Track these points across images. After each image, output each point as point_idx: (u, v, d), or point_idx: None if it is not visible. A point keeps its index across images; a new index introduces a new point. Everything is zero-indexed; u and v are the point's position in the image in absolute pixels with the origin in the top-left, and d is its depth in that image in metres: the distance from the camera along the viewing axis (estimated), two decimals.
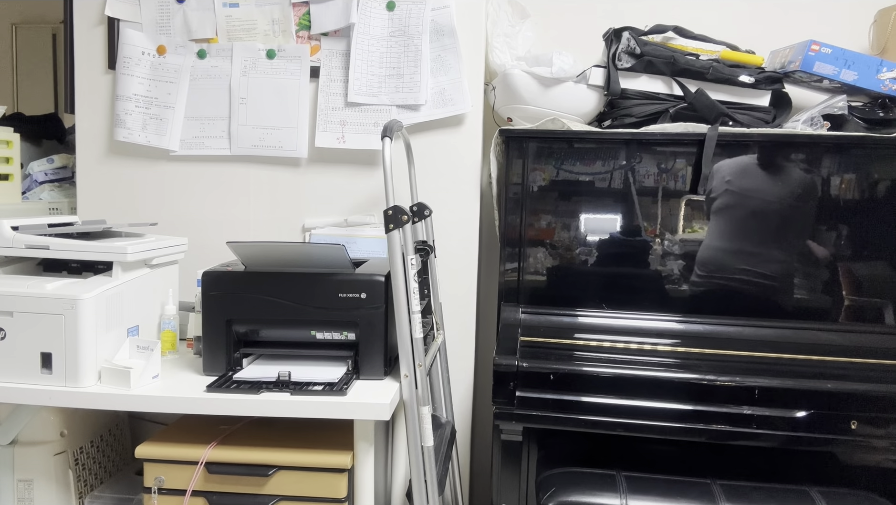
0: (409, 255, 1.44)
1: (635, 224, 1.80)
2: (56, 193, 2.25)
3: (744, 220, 1.76)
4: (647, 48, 1.80)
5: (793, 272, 1.75)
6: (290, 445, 1.54)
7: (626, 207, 1.79)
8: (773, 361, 1.64)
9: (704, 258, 1.77)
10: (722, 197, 1.76)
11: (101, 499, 1.75)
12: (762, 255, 1.75)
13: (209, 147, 2.03)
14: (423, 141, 1.96)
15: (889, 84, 1.75)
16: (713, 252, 1.77)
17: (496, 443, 1.65)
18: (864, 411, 1.52)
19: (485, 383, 2.20)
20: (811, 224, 1.74)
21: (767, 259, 1.75)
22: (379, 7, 1.93)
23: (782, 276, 1.75)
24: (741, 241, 1.76)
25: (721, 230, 1.76)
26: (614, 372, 1.60)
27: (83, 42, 2.04)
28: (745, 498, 1.53)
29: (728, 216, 1.76)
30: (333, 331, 1.59)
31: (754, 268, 1.76)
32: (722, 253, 1.77)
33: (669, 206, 1.78)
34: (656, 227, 1.79)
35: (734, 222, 1.76)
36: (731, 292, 1.77)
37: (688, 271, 1.78)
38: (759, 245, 1.75)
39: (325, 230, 2.00)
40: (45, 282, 1.52)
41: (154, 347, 1.55)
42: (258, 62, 1.99)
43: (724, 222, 1.76)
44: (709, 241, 1.77)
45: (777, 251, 1.75)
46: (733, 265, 1.76)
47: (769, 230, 1.74)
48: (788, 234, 1.74)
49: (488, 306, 2.24)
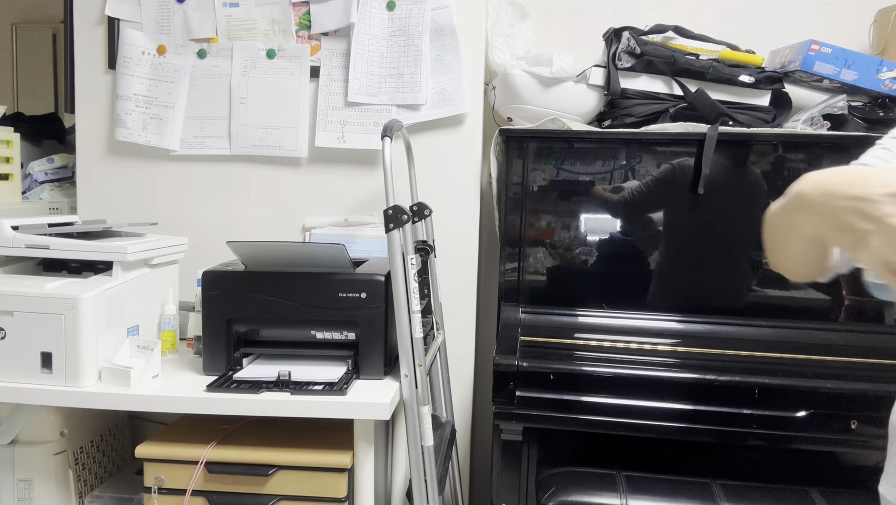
0: (409, 254, 1.44)
1: (635, 224, 1.79)
2: (56, 193, 2.25)
3: (743, 220, 1.76)
4: (647, 48, 1.80)
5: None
6: (290, 444, 1.54)
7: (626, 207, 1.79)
8: (773, 361, 1.64)
9: (704, 258, 1.77)
10: (721, 197, 1.76)
11: (101, 499, 1.75)
12: (762, 254, 1.75)
13: (209, 147, 2.03)
14: (423, 141, 1.96)
15: (889, 84, 1.75)
16: (713, 252, 1.77)
17: (496, 443, 1.65)
18: (864, 411, 1.52)
19: (485, 383, 2.20)
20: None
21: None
22: (379, 7, 1.93)
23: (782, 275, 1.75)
24: (741, 240, 1.76)
25: (720, 230, 1.76)
26: (614, 372, 1.60)
27: (83, 42, 2.04)
28: (745, 498, 1.53)
29: (727, 216, 1.76)
30: (333, 330, 1.59)
31: (754, 267, 1.76)
32: (722, 253, 1.77)
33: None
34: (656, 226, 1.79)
35: (733, 222, 1.76)
36: (731, 292, 1.77)
37: (687, 271, 1.78)
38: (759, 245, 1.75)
39: (325, 230, 2.00)
40: (45, 281, 1.52)
41: (154, 347, 1.54)
42: (258, 62, 1.99)
43: (723, 222, 1.76)
44: (708, 240, 1.77)
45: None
46: (733, 265, 1.76)
47: None
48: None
49: (488, 306, 2.23)
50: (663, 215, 1.79)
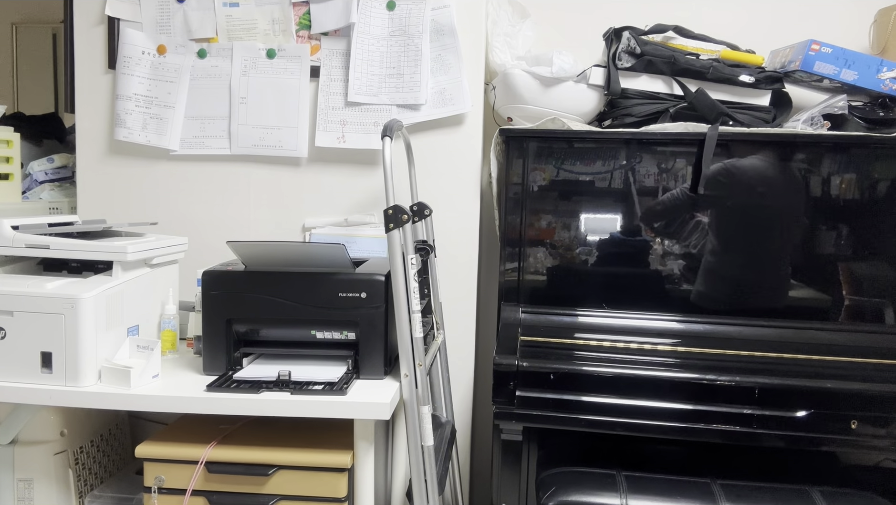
0: (409, 254, 1.44)
1: (635, 224, 1.80)
2: (56, 193, 2.25)
3: (743, 220, 1.76)
4: (648, 48, 1.80)
5: (793, 272, 1.75)
6: (290, 444, 1.54)
7: (627, 207, 1.79)
8: (773, 361, 1.64)
9: (704, 258, 1.77)
10: (721, 197, 1.76)
11: (101, 498, 1.75)
12: (762, 254, 1.75)
13: (209, 147, 2.03)
14: (423, 141, 1.96)
15: (889, 84, 1.75)
16: (713, 252, 1.77)
17: (496, 442, 1.65)
18: (864, 411, 1.52)
19: (485, 383, 2.20)
20: (811, 224, 1.74)
21: (767, 258, 1.75)
22: (379, 6, 1.93)
23: (782, 275, 1.75)
24: (741, 240, 1.76)
25: (720, 230, 1.76)
26: (614, 372, 1.60)
27: (83, 42, 2.04)
28: (745, 498, 1.53)
29: (727, 216, 1.76)
30: (333, 330, 1.59)
31: (754, 267, 1.76)
32: (721, 253, 1.77)
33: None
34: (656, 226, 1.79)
35: (734, 222, 1.76)
36: (731, 292, 1.77)
37: (688, 271, 1.78)
38: (759, 244, 1.75)
39: (325, 230, 2.00)
40: (46, 281, 1.52)
41: (154, 347, 1.55)
42: (258, 62, 1.99)
43: (724, 222, 1.76)
44: (708, 240, 1.77)
45: (777, 251, 1.75)
46: (733, 265, 1.76)
47: (769, 230, 1.74)
48: (788, 233, 1.74)
49: (488, 306, 2.23)
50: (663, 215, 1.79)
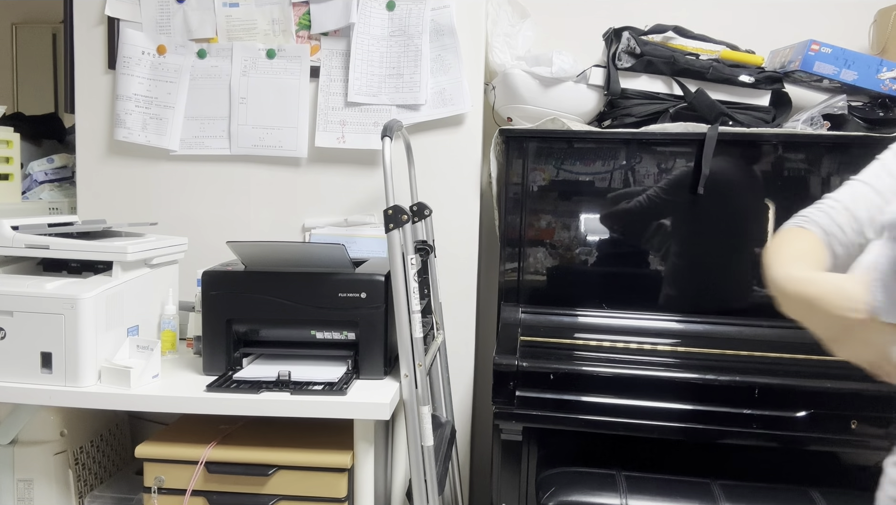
0: (409, 254, 1.44)
1: (635, 224, 1.79)
2: (56, 193, 2.25)
3: (743, 220, 1.76)
4: (647, 48, 1.80)
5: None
6: (290, 444, 1.54)
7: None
8: (773, 361, 1.64)
9: (703, 258, 1.77)
10: (721, 196, 1.76)
11: (101, 499, 1.75)
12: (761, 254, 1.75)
13: (209, 147, 2.02)
14: (423, 141, 1.96)
15: (889, 84, 1.75)
16: (712, 252, 1.77)
17: (496, 443, 1.65)
18: (864, 411, 1.52)
19: (485, 383, 2.20)
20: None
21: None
22: (379, 7, 1.93)
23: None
24: (741, 240, 1.76)
25: (720, 230, 1.76)
26: (614, 372, 1.59)
27: (83, 42, 2.04)
28: (745, 498, 1.53)
29: (727, 216, 1.76)
30: (333, 330, 1.59)
31: (754, 267, 1.76)
32: (722, 253, 1.77)
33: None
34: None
35: (733, 222, 1.76)
36: (731, 292, 1.77)
37: (687, 271, 1.78)
38: (759, 244, 1.75)
39: (325, 230, 2.00)
40: (45, 281, 1.52)
41: (154, 347, 1.55)
42: (258, 62, 1.99)
43: (723, 222, 1.76)
44: (708, 240, 1.77)
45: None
46: (733, 265, 1.76)
47: (769, 230, 1.74)
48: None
49: (488, 306, 2.23)
50: (664, 215, 1.79)
